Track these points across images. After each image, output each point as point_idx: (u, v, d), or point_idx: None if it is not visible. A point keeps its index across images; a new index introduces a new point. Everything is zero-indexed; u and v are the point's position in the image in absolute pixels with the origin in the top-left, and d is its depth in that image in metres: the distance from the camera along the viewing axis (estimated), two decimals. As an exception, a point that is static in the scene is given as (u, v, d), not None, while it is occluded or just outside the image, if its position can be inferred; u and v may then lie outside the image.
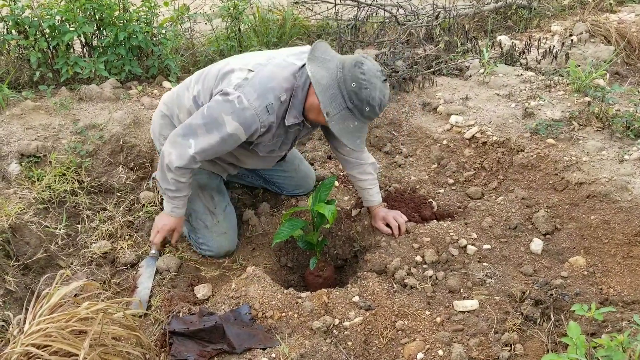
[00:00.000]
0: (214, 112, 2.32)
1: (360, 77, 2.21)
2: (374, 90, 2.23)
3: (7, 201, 2.84)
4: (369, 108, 2.25)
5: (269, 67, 2.36)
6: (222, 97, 2.32)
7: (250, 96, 2.28)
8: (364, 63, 2.24)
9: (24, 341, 1.71)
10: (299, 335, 2.17)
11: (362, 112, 2.26)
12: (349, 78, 2.22)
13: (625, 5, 6.10)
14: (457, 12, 5.42)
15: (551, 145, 3.20)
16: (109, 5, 3.89)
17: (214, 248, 2.78)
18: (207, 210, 2.79)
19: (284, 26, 5.08)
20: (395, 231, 2.75)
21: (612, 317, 2.18)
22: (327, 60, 2.31)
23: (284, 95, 2.34)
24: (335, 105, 2.24)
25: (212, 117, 2.33)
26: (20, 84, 3.95)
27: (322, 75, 2.24)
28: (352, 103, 2.24)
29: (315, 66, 2.27)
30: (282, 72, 2.35)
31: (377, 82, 2.24)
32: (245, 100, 2.27)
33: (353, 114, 2.28)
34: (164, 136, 2.71)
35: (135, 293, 2.56)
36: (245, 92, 2.29)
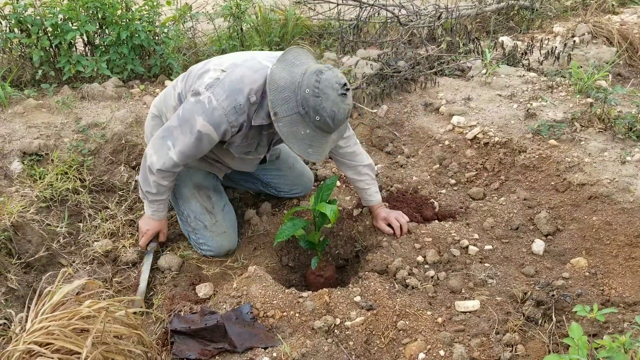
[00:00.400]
0: (187, 113, 2.37)
1: (314, 84, 2.18)
2: (325, 101, 2.18)
3: (9, 199, 2.85)
4: (319, 117, 2.21)
5: (240, 69, 2.36)
6: (194, 98, 2.36)
7: (219, 96, 2.30)
8: (324, 72, 2.21)
9: (26, 339, 1.71)
10: (300, 334, 2.17)
11: (313, 121, 2.23)
12: (304, 84, 2.20)
13: (628, 6, 6.10)
14: (460, 13, 5.42)
15: (553, 146, 3.20)
16: (111, 4, 3.90)
17: (214, 248, 2.78)
18: (205, 210, 2.78)
19: (286, 26, 5.07)
20: (396, 231, 2.75)
21: (614, 318, 2.18)
22: (296, 65, 2.30)
23: (253, 96, 2.32)
24: (286, 107, 2.22)
25: (185, 119, 2.37)
26: (22, 83, 3.96)
27: (281, 77, 2.24)
28: (303, 109, 2.21)
29: (280, 68, 2.28)
30: (253, 74, 2.34)
31: (332, 93, 2.19)
32: (214, 100, 2.30)
33: (304, 120, 2.24)
34: None
35: (139, 288, 2.60)
36: (215, 92, 2.31)
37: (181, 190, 2.79)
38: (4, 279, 2.44)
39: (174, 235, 2.98)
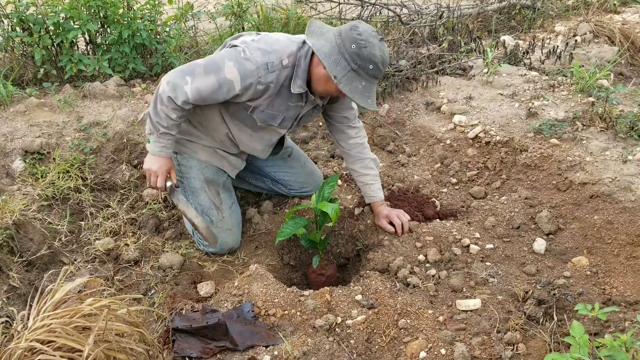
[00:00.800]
0: (217, 56, 2.43)
1: (358, 37, 2.28)
2: (373, 48, 2.30)
3: (11, 198, 2.85)
4: (373, 65, 2.32)
5: (275, 35, 2.51)
6: (227, 49, 2.46)
7: (254, 51, 2.38)
8: (359, 26, 2.33)
9: (28, 337, 1.71)
10: (302, 333, 2.18)
11: (366, 70, 2.32)
12: (347, 41, 2.29)
13: (630, 5, 6.09)
14: (461, 12, 5.41)
15: (555, 145, 3.20)
16: (113, 2, 3.90)
17: (218, 244, 2.78)
18: (213, 205, 2.79)
19: (287, 25, 5.08)
20: (398, 230, 2.75)
21: (615, 317, 2.17)
22: (324, 32, 2.40)
23: (286, 59, 2.42)
24: (340, 68, 2.31)
25: (213, 61, 2.40)
26: (24, 81, 3.97)
27: (322, 44, 2.34)
28: (355, 64, 2.30)
29: (314, 39, 2.37)
30: (286, 40, 2.48)
31: (375, 40, 2.32)
32: (248, 52, 2.37)
33: (359, 74, 2.33)
34: None
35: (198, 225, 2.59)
36: (250, 47, 2.39)
37: (191, 183, 2.78)
38: (6, 277, 2.45)
39: (175, 233, 2.98)
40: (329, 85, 2.43)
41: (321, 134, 3.80)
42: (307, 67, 2.46)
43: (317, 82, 2.48)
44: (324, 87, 2.48)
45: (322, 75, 2.42)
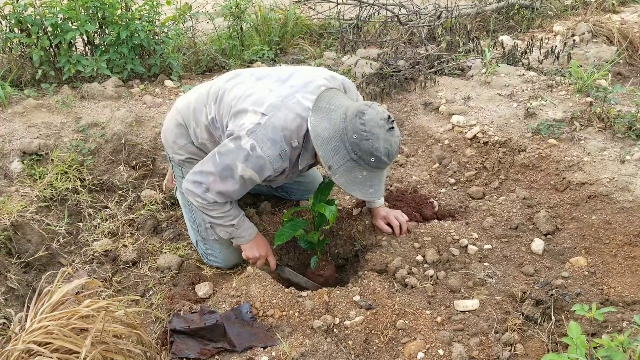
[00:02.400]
0: (227, 159, 2.27)
1: (360, 127, 2.11)
2: (376, 141, 2.12)
3: (9, 199, 2.85)
4: (374, 159, 2.15)
5: (282, 112, 2.26)
6: (234, 144, 2.25)
7: (263, 144, 2.21)
8: (366, 112, 2.13)
9: (25, 338, 1.71)
10: (300, 334, 2.18)
11: (368, 162, 2.17)
12: (350, 129, 2.13)
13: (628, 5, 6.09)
14: (459, 12, 5.42)
15: (553, 145, 3.20)
16: (111, 3, 3.90)
17: (222, 260, 2.76)
18: None
19: (286, 25, 5.08)
20: (396, 230, 2.75)
21: (613, 318, 2.18)
22: (332, 110, 2.22)
23: (295, 141, 2.27)
24: (338, 157, 2.17)
25: (225, 165, 2.27)
26: (22, 82, 3.97)
27: (323, 128, 2.17)
28: (355, 154, 2.15)
29: (318, 118, 2.19)
30: (295, 118, 2.26)
31: (380, 131, 2.12)
32: (258, 148, 2.21)
33: (359, 164, 2.18)
34: (178, 145, 2.67)
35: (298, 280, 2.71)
36: (259, 139, 2.21)
37: None
38: (3, 279, 2.45)
39: (173, 234, 2.98)
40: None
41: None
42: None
43: (319, 158, 2.29)
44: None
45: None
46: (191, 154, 2.67)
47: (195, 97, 2.60)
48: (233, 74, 2.60)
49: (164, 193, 3.20)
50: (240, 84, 2.46)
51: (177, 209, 3.12)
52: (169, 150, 2.74)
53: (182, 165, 2.71)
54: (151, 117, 3.65)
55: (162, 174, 3.38)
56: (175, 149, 2.69)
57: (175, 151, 2.70)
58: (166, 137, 2.74)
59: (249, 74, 2.54)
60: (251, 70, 2.62)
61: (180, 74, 4.33)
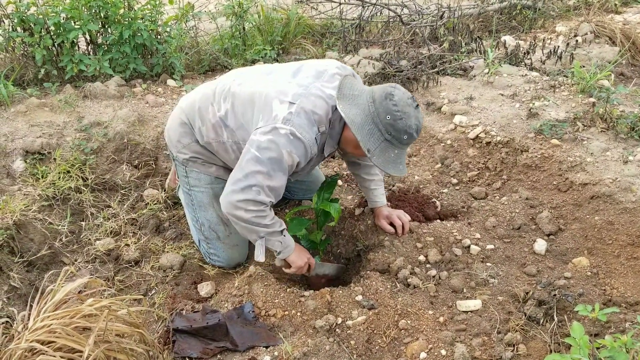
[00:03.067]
0: (271, 153, 2.23)
1: (393, 109, 2.20)
2: (408, 119, 2.22)
3: (11, 198, 2.85)
4: (407, 136, 2.24)
5: (310, 99, 2.30)
6: (273, 136, 2.23)
7: (301, 129, 2.24)
8: (394, 94, 2.23)
9: (28, 337, 1.71)
10: (302, 333, 2.18)
11: (400, 140, 2.26)
12: (382, 111, 2.21)
13: (631, 6, 6.09)
14: (462, 12, 5.41)
15: (555, 145, 3.20)
16: (114, 3, 3.90)
17: (224, 259, 2.76)
18: (221, 220, 2.74)
19: (288, 25, 5.08)
20: (398, 230, 2.74)
21: (616, 318, 2.17)
22: (356, 96, 2.30)
23: (323, 126, 2.33)
24: (373, 140, 2.25)
25: (271, 159, 2.24)
26: (25, 81, 3.97)
27: (355, 113, 2.24)
28: (389, 134, 2.23)
29: (346, 104, 2.26)
30: (322, 104, 2.32)
31: (410, 110, 2.23)
32: (298, 133, 2.23)
33: (392, 144, 2.27)
34: (182, 144, 2.65)
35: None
36: (295, 125, 2.24)
37: (199, 197, 2.74)
38: (6, 277, 2.45)
39: (175, 234, 2.98)
40: (357, 150, 2.37)
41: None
42: (342, 129, 2.40)
43: (347, 144, 2.42)
44: (353, 150, 2.43)
45: (351, 140, 2.35)
46: (195, 153, 2.66)
47: (200, 96, 2.60)
48: (236, 72, 2.61)
49: (167, 192, 3.21)
50: (251, 80, 2.48)
51: (180, 209, 3.12)
52: (173, 149, 2.73)
53: (186, 164, 2.71)
54: (153, 117, 3.65)
55: (164, 173, 3.38)
56: (179, 147, 2.68)
57: (179, 150, 2.69)
58: (170, 136, 2.73)
59: (255, 70, 2.56)
60: (254, 67, 2.64)
61: (182, 74, 4.33)
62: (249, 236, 2.38)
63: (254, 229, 2.32)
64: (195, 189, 2.74)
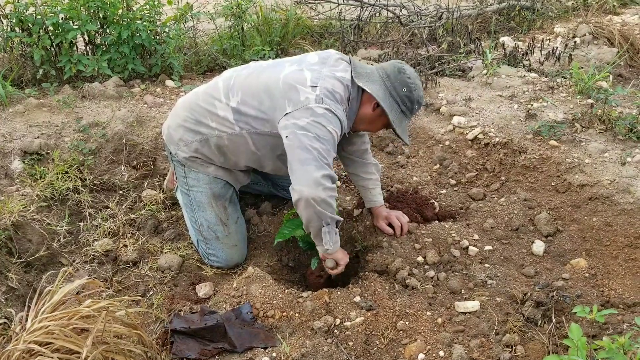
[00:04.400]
0: (321, 131, 2.25)
1: (408, 81, 2.42)
2: (419, 90, 2.47)
3: (9, 198, 2.85)
4: (417, 106, 2.49)
5: (329, 81, 2.37)
6: (314, 116, 2.26)
7: (333, 107, 2.32)
8: (405, 68, 2.45)
9: (26, 338, 1.71)
10: (300, 334, 2.18)
11: (412, 111, 2.50)
12: (398, 85, 2.42)
13: (629, 7, 6.10)
14: (460, 13, 5.42)
15: (554, 146, 3.20)
16: (112, 3, 3.90)
17: (223, 260, 2.76)
18: (220, 221, 2.74)
19: (287, 26, 5.08)
20: (397, 231, 2.75)
21: (614, 320, 2.18)
22: (369, 74, 2.48)
23: (344, 105, 2.43)
24: (394, 112, 2.44)
25: (324, 137, 2.25)
26: (23, 82, 3.96)
27: (376, 89, 2.42)
28: (405, 106, 2.45)
29: (365, 82, 2.44)
30: (338, 85, 2.40)
31: (419, 82, 2.48)
32: (333, 110, 2.31)
33: (405, 115, 2.49)
34: (184, 142, 2.64)
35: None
36: (328, 104, 2.31)
37: (198, 197, 2.74)
38: (4, 278, 2.44)
39: (174, 235, 2.98)
40: (371, 125, 2.57)
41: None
42: (358, 108, 2.51)
43: (361, 121, 2.55)
44: (366, 126, 2.59)
45: (368, 116, 2.51)
46: (195, 152, 2.64)
47: (202, 95, 2.62)
48: (235, 69, 2.68)
49: (165, 193, 3.20)
50: (257, 72, 2.54)
51: (178, 209, 3.12)
52: (173, 147, 2.71)
53: (185, 163, 2.71)
54: (152, 117, 3.65)
55: (162, 173, 3.38)
56: (180, 145, 2.67)
57: (179, 148, 2.67)
58: (170, 134, 2.71)
59: (257, 65, 2.64)
60: (254, 63, 2.71)
61: (181, 74, 4.33)
62: (314, 224, 2.32)
63: (323, 213, 2.27)
64: (193, 189, 2.74)
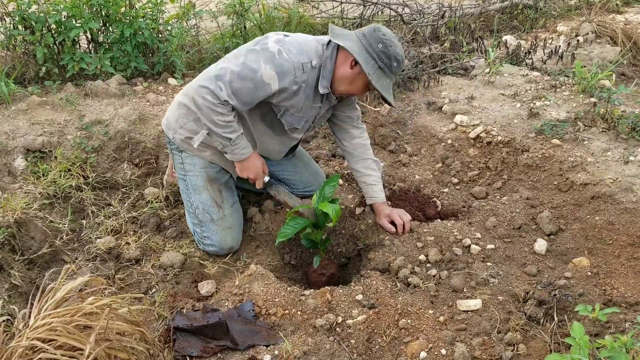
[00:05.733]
0: (250, 60, 2.38)
1: (383, 38, 2.43)
2: (397, 47, 2.45)
3: (12, 196, 2.86)
4: (396, 63, 2.47)
5: (300, 36, 2.54)
6: (260, 46, 2.42)
7: (289, 51, 2.40)
8: (381, 28, 2.48)
9: (29, 335, 1.71)
10: (302, 332, 2.18)
11: (390, 68, 2.46)
12: (373, 42, 2.43)
13: (632, 6, 6.09)
14: (463, 12, 5.41)
15: (556, 145, 3.20)
16: (115, 1, 3.90)
17: (217, 243, 2.78)
18: (215, 203, 2.79)
19: (289, 24, 5.08)
20: (399, 229, 2.75)
21: (616, 318, 2.17)
22: (346, 34, 2.50)
23: (315, 60, 2.48)
24: (370, 66, 2.43)
25: (246, 66, 2.37)
26: (26, 80, 3.97)
27: (351, 45, 2.44)
28: (382, 62, 2.44)
29: (341, 40, 2.45)
30: (313, 41, 2.53)
31: (396, 41, 2.48)
32: (285, 53, 2.39)
33: (384, 72, 2.47)
34: (180, 124, 2.72)
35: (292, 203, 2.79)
36: (285, 47, 2.41)
37: (194, 181, 2.80)
38: (7, 276, 2.45)
39: (176, 232, 2.98)
40: (352, 85, 2.54)
41: (322, 133, 3.80)
42: (333, 68, 2.52)
43: (340, 82, 2.54)
44: (347, 87, 2.56)
45: (347, 75, 2.50)
46: (192, 132, 2.70)
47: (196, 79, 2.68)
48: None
49: (165, 188, 3.21)
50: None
51: (180, 207, 3.12)
52: (170, 132, 2.78)
53: (182, 148, 2.77)
54: (154, 115, 3.65)
55: (165, 171, 3.38)
56: (176, 128, 2.74)
57: (176, 131, 2.75)
58: (168, 121, 2.80)
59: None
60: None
61: (183, 72, 4.33)
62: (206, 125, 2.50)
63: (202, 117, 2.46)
64: (190, 174, 2.81)
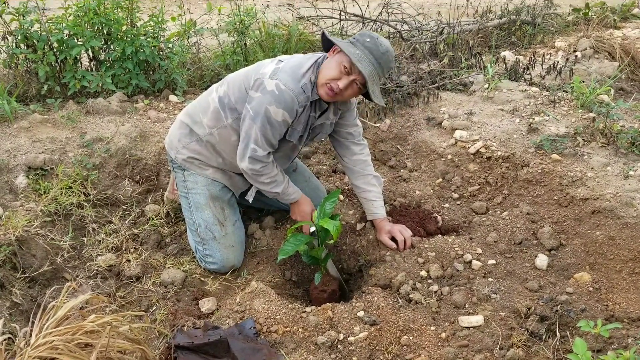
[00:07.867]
0: (258, 107, 2.49)
1: (370, 34, 2.52)
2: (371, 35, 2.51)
3: (14, 214, 2.86)
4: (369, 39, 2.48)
5: (296, 57, 2.64)
6: (260, 91, 2.50)
7: (286, 81, 2.48)
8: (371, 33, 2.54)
9: (30, 353, 1.71)
10: (304, 350, 2.17)
11: (362, 42, 2.48)
12: (358, 37, 2.52)
13: (630, 21, 6.13)
14: (461, 28, 5.45)
15: (556, 160, 3.21)
16: (116, 20, 3.93)
17: (219, 261, 2.78)
18: (217, 220, 2.80)
19: (289, 41, 5.11)
20: (400, 245, 2.75)
21: (618, 334, 2.17)
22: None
23: (312, 76, 2.55)
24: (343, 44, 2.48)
25: (257, 113, 2.49)
26: (28, 97, 3.99)
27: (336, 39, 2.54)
28: (354, 39, 2.52)
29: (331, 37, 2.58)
30: (308, 58, 2.61)
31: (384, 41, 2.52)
32: (282, 85, 2.47)
33: (354, 45, 2.49)
34: (182, 144, 2.80)
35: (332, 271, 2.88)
36: (281, 77, 2.48)
37: (197, 198, 2.82)
38: (8, 293, 2.45)
39: (177, 249, 2.98)
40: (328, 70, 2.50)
41: (323, 149, 3.82)
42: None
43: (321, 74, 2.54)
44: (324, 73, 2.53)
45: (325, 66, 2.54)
46: (194, 152, 2.78)
47: (198, 100, 2.85)
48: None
49: (167, 205, 3.21)
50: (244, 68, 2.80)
51: (181, 224, 3.13)
52: (173, 151, 2.85)
53: (185, 167, 2.81)
54: (155, 132, 3.67)
55: (166, 188, 3.39)
56: (179, 148, 2.81)
57: (178, 151, 2.81)
58: (170, 140, 2.88)
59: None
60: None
61: (184, 89, 4.36)
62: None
63: (250, 181, 2.72)
64: (192, 192, 2.83)
